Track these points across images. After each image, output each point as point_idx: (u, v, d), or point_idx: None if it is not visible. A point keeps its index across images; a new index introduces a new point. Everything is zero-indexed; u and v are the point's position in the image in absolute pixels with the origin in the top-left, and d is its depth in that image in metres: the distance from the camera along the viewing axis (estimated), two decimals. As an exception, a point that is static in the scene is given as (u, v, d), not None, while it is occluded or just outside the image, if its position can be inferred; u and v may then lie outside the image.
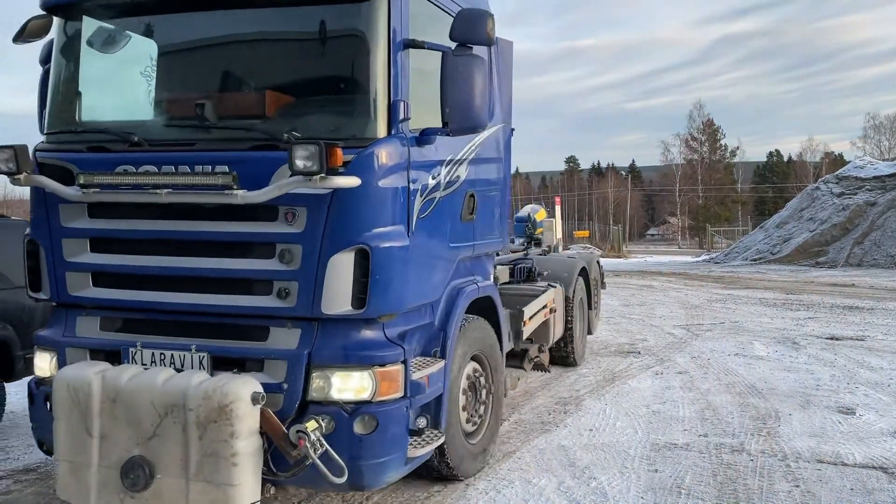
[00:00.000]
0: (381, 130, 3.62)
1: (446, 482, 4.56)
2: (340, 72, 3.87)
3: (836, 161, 62.57)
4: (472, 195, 4.54)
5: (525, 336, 5.96)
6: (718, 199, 65.29)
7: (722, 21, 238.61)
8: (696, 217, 63.04)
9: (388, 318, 3.70)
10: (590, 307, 8.72)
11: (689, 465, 4.82)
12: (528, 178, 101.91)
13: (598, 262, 9.58)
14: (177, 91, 4.17)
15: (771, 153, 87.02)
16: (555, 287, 7.10)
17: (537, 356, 6.36)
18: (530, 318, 6.06)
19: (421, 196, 3.86)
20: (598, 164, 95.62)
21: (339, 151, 3.33)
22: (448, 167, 4.22)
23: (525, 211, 11.33)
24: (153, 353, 3.70)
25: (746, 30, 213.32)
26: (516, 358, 5.95)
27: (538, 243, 9.99)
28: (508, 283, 6.78)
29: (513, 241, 9.40)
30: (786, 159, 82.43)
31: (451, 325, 4.20)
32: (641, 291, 16.42)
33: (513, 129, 5.73)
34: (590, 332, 8.84)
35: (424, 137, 3.88)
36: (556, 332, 7.12)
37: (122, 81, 4.29)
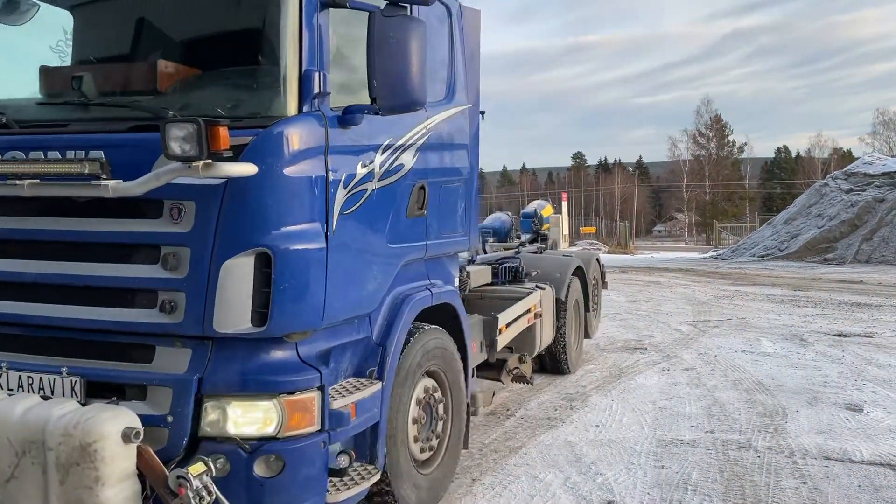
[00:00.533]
0: (290, 107, 3.00)
1: (453, 476, 4.57)
2: (243, 37, 3.28)
3: (845, 157, 62.26)
4: (422, 187, 3.86)
5: (502, 345, 5.37)
6: (726, 195, 65.08)
7: (731, 16, 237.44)
8: (704, 213, 62.87)
9: (299, 336, 3.07)
10: (587, 309, 8.11)
11: (695, 461, 4.82)
12: (535, 173, 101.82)
13: (597, 261, 8.94)
14: (54, 63, 3.59)
15: (779, 149, 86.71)
16: (543, 289, 6.47)
17: (517, 367, 5.75)
18: (508, 324, 5.47)
19: (345, 188, 3.18)
20: (606, 159, 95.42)
21: (223, 132, 2.71)
22: (386, 154, 3.53)
23: (532, 207, 11.30)
24: (20, 376, 3.08)
25: (756, 25, 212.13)
26: (493, 369, 5.49)
27: (545, 239, 9.95)
28: (491, 284, 6.23)
29: (519, 237, 9.38)
30: (794, 155, 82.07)
31: (392, 339, 3.57)
32: (648, 287, 16.38)
33: (482, 113, 5.15)
34: (588, 336, 8.31)
35: (349, 117, 3.21)
36: (544, 338, 6.49)
37: None
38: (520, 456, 4.97)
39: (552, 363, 7.31)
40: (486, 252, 7.24)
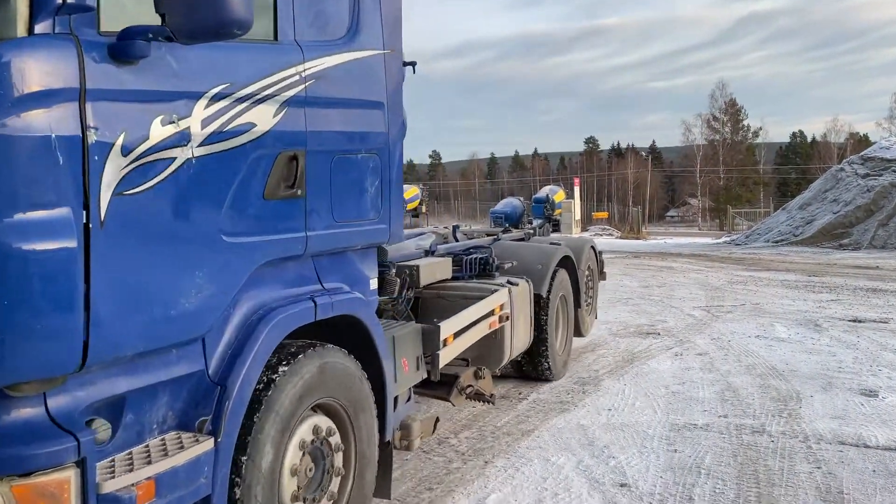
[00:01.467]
0: (17, 25, 1.96)
1: (465, 459, 4.59)
2: None
3: (861, 142, 61.56)
4: (293, 157, 2.80)
5: (447, 360, 4.32)
6: (740, 180, 64.56)
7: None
8: (717, 199, 62.43)
9: (43, 385, 2.05)
10: (578, 305, 7.10)
11: (709, 445, 4.81)
12: (547, 158, 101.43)
13: (593, 249, 7.85)
14: None
15: (794, 133, 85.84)
16: (515, 284, 5.45)
17: (470, 385, 4.67)
18: (458, 333, 4.45)
19: (124, 155, 2.14)
20: (618, 144, 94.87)
21: None
22: (217, 106, 2.45)
23: (544, 192, 11.21)
24: None
25: (772, 8, 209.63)
26: (442, 387, 4.47)
27: (556, 225, 9.90)
28: (455, 279, 5.26)
29: (531, 223, 9.26)
30: (809, 140, 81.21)
31: (238, 373, 2.55)
32: (661, 273, 16.32)
33: (412, 64, 4.07)
34: (580, 335, 7.38)
35: (126, 45, 2.13)
36: (516, 344, 5.52)
37: None
38: (532, 439, 4.98)
39: (532, 369, 6.36)
40: (456, 239, 6.50)
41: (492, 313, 4.98)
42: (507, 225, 8.64)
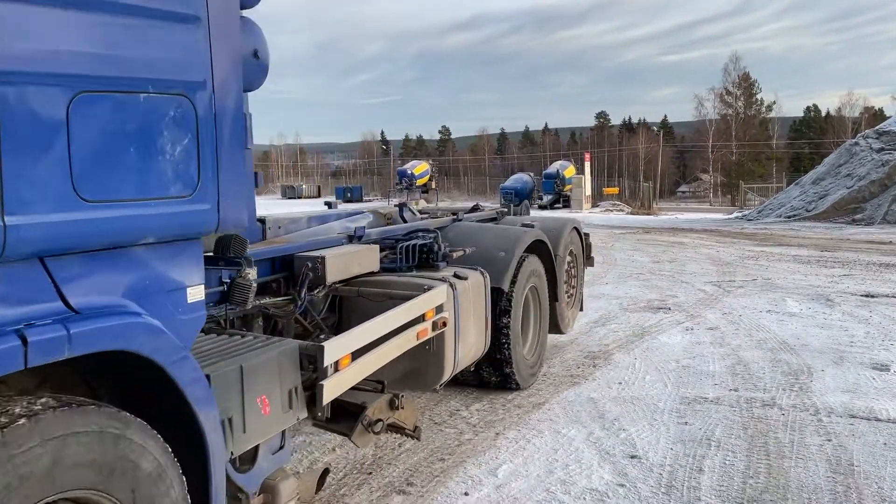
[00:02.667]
0: None
1: (476, 430, 4.63)
2: None
3: (876, 116, 60.78)
4: None
5: (344, 388, 3.20)
6: (752, 155, 63.97)
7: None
8: (729, 174, 61.93)
9: None
10: (556, 298, 6.09)
11: (719, 418, 4.83)
12: (557, 133, 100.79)
13: (576, 231, 6.82)
14: None
15: (808, 108, 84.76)
16: (463, 278, 4.36)
17: (380, 419, 3.49)
18: (357, 352, 3.27)
19: None
20: (630, 119, 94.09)
21: None
22: None
23: (554, 167, 11.21)
24: None
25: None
26: (347, 419, 3.39)
27: (566, 200, 9.87)
28: (388, 272, 4.38)
29: (541, 198, 9.26)
30: (823, 114, 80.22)
31: None
32: (672, 248, 16.27)
33: None
34: (559, 331, 6.39)
35: None
36: (465, 352, 4.39)
37: None
38: (543, 411, 5.01)
39: (496, 377, 5.31)
40: (403, 220, 5.65)
41: (422, 318, 3.80)
42: (517, 201, 8.67)
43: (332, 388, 3.04)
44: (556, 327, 6.30)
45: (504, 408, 5.11)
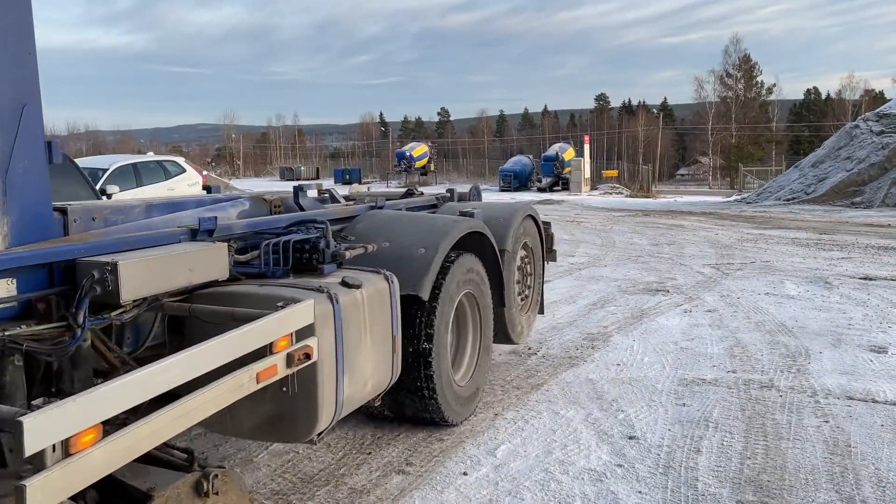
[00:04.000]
0: None
1: (475, 411, 4.64)
2: None
3: (877, 98, 60.58)
4: None
5: (84, 482, 1.82)
6: (752, 138, 63.80)
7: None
8: (729, 156, 61.80)
9: None
10: (503, 304, 5.01)
11: (717, 399, 4.84)
12: (557, 115, 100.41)
13: (532, 220, 5.80)
14: None
15: (809, 90, 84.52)
16: (355, 286, 3.17)
17: None
18: (122, 419, 2.04)
19: None
20: (629, 101, 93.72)
21: None
22: None
23: (553, 150, 11.17)
24: None
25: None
26: None
27: (565, 183, 9.82)
28: (254, 277, 3.26)
29: (540, 181, 9.18)
30: (824, 97, 79.96)
31: None
32: (671, 231, 16.26)
33: None
34: (511, 341, 5.38)
35: None
36: (359, 388, 3.23)
37: None
38: (541, 392, 5.02)
39: (414, 409, 4.14)
40: (300, 207, 4.31)
41: (268, 351, 2.57)
42: (516, 184, 8.38)
43: (51, 491, 1.72)
44: (505, 337, 5.24)
45: (503, 389, 5.12)
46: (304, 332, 2.76)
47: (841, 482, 3.62)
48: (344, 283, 3.17)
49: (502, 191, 38.66)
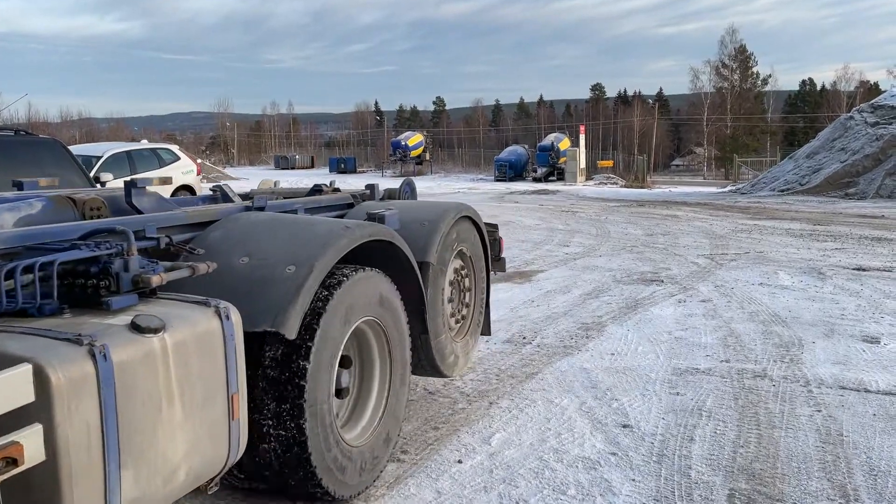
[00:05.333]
0: None
1: (470, 400, 4.66)
2: None
3: (872, 90, 60.64)
4: None
5: None
6: (747, 129, 63.88)
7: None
8: (724, 147, 61.87)
9: None
10: (426, 329, 4.05)
11: (710, 388, 4.87)
12: (552, 105, 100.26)
13: (471, 222, 4.77)
14: None
15: (804, 82, 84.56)
16: (150, 332, 2.17)
17: None
18: None
19: None
20: (625, 91, 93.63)
21: None
22: None
23: (549, 140, 11.12)
24: None
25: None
26: None
27: (560, 173, 9.78)
28: (19, 314, 2.19)
29: (536, 171, 9.11)
30: (819, 88, 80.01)
31: None
32: (666, 221, 16.29)
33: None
34: (440, 374, 4.44)
35: None
36: (162, 479, 2.19)
37: None
38: (536, 381, 5.04)
39: (280, 480, 3.04)
40: (134, 209, 3.20)
41: None
42: (511, 174, 8.03)
43: None
44: (433, 369, 4.28)
45: (498, 378, 5.14)
46: (16, 420, 1.76)
47: (833, 470, 3.65)
48: (133, 327, 2.16)
49: (497, 181, 38.77)
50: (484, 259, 5.09)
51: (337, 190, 4.79)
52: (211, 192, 4.19)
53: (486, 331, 5.32)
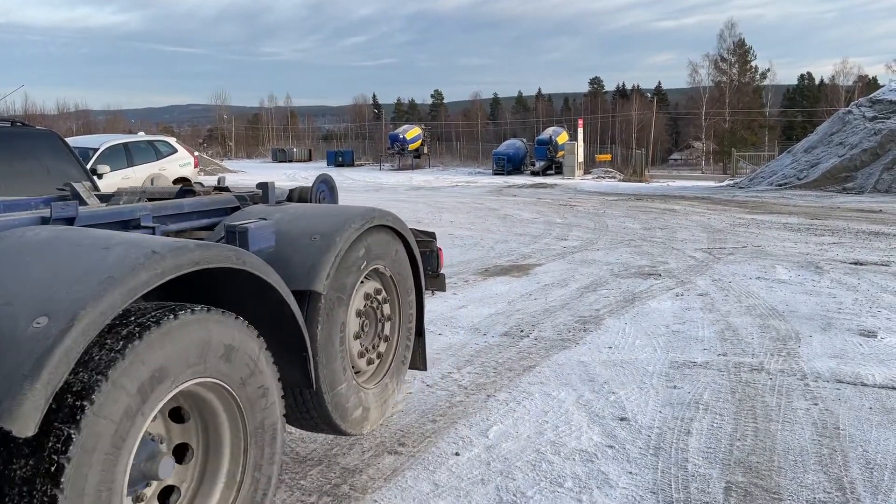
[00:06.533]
0: None
1: (468, 392, 4.67)
2: None
3: (870, 84, 60.62)
4: None
5: None
6: (746, 123, 63.87)
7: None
8: (722, 141, 61.86)
9: None
10: (309, 383, 2.93)
11: (707, 382, 4.87)
12: (551, 99, 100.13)
13: (390, 232, 3.69)
14: None
15: (802, 76, 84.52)
16: None
17: None
18: None
19: None
20: (623, 85, 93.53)
21: None
22: None
23: (547, 133, 11.07)
24: None
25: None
26: None
27: (559, 167, 9.75)
28: None
29: (534, 165, 9.07)
30: (817, 83, 79.99)
31: None
32: (663, 215, 16.28)
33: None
34: (339, 432, 3.38)
35: None
36: None
37: None
38: (533, 374, 5.04)
39: None
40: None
41: None
42: (509, 167, 7.86)
43: None
44: (328, 425, 3.30)
45: (495, 370, 5.14)
46: None
47: (829, 463, 3.66)
48: None
49: (495, 174, 38.74)
50: (414, 277, 3.95)
51: (224, 189, 3.86)
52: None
53: (421, 365, 4.21)
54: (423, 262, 4.13)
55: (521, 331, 6.22)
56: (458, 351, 5.57)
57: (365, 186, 28.88)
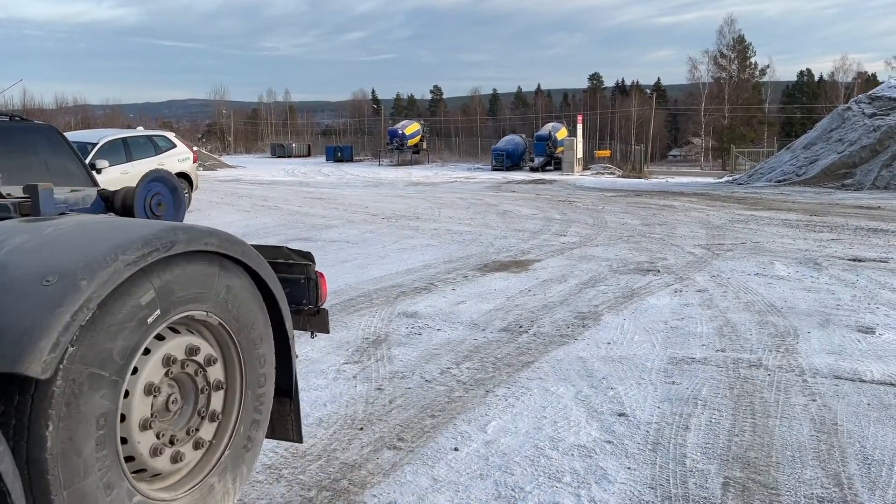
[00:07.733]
0: None
1: (466, 388, 4.67)
2: None
3: (869, 81, 60.63)
4: None
5: None
6: (745, 119, 63.83)
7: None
8: (721, 138, 61.83)
9: None
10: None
11: (706, 378, 4.88)
12: (550, 95, 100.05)
13: (227, 260, 2.43)
14: None
15: (802, 72, 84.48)
16: None
17: None
18: None
19: None
20: (623, 81, 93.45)
21: None
22: None
23: (546, 129, 11.07)
24: None
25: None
26: None
27: (558, 163, 9.73)
28: None
29: (533, 161, 9.06)
30: (817, 79, 79.97)
31: None
32: (662, 211, 16.29)
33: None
34: None
35: None
36: None
37: None
38: (532, 370, 5.05)
39: None
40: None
41: None
42: (508, 163, 7.75)
43: None
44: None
45: (494, 366, 5.15)
46: None
47: (827, 459, 3.67)
48: None
49: (495, 170, 38.70)
50: (271, 322, 2.72)
51: None
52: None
53: (294, 436, 3.04)
54: (294, 295, 2.97)
55: (520, 326, 6.23)
56: (456, 346, 5.58)
57: (364, 182, 28.87)
